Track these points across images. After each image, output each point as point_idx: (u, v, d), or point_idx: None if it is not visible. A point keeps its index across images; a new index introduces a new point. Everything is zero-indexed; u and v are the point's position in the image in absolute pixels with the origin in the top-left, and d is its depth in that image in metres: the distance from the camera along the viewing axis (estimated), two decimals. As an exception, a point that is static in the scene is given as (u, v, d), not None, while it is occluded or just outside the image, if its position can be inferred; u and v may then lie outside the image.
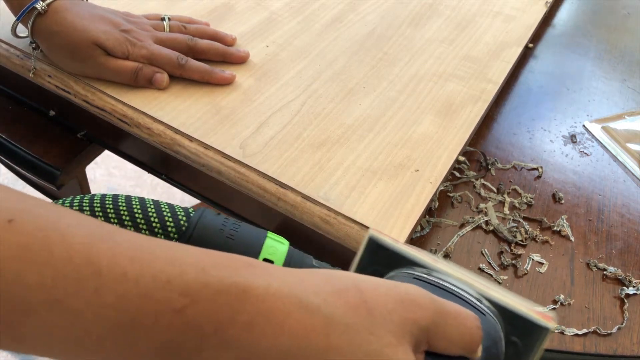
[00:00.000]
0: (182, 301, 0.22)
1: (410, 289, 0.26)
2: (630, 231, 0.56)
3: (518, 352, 0.33)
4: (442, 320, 0.26)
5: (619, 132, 0.67)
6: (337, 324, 0.23)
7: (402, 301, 0.25)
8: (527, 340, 0.33)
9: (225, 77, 0.56)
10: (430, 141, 0.54)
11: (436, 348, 0.26)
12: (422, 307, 0.26)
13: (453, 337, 0.26)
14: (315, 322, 0.23)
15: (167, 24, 0.58)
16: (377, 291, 0.25)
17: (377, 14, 0.71)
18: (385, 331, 0.24)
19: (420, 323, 0.25)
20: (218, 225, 0.36)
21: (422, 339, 0.26)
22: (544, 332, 0.32)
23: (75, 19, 0.51)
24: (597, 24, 0.88)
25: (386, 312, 0.25)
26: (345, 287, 0.25)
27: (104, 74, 0.53)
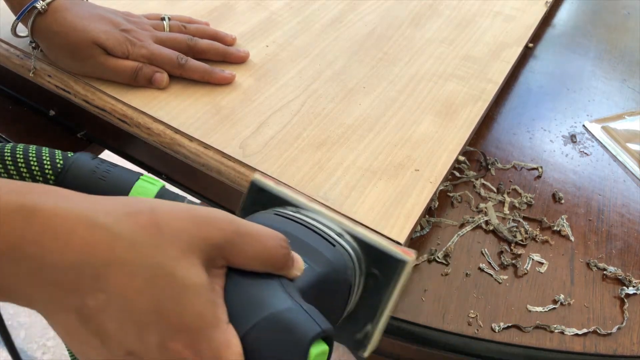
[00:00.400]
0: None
1: (210, 211, 0.28)
2: (630, 231, 0.56)
3: (378, 283, 0.36)
4: (237, 239, 0.28)
5: (619, 132, 0.67)
6: (123, 239, 0.25)
7: (195, 222, 0.27)
8: (387, 272, 0.36)
9: (225, 76, 0.56)
10: (430, 141, 0.54)
11: (235, 264, 0.28)
12: (215, 227, 0.27)
13: (248, 254, 0.28)
14: (100, 237, 0.25)
15: (167, 24, 0.58)
16: (171, 214, 0.27)
17: (377, 14, 0.71)
18: (170, 246, 0.26)
19: (212, 240, 0.27)
20: (92, 166, 0.38)
21: (215, 255, 0.27)
22: (402, 264, 0.35)
23: (75, 18, 0.51)
24: (597, 24, 0.88)
25: (175, 230, 0.26)
26: (139, 210, 0.27)
27: (104, 74, 0.53)
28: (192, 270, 0.26)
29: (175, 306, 0.25)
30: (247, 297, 0.28)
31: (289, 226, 0.35)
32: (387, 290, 0.36)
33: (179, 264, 0.26)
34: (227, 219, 0.28)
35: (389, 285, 0.36)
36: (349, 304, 0.36)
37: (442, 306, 0.48)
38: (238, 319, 0.27)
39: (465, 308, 0.48)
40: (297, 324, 0.27)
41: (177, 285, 0.25)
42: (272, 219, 0.36)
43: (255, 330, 0.27)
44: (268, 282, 0.29)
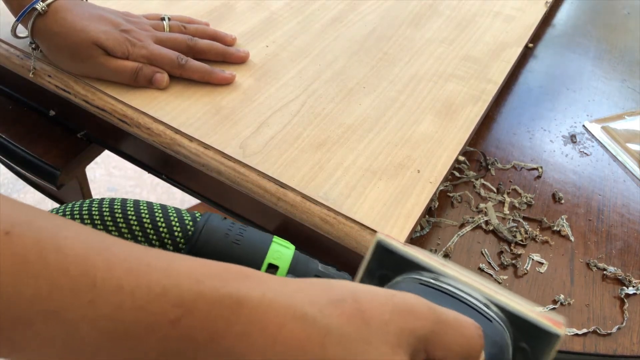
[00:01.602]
0: (176, 312, 0.22)
1: (408, 298, 0.26)
2: (630, 231, 0.56)
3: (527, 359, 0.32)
4: (441, 330, 0.26)
5: (619, 132, 0.67)
6: (332, 334, 0.23)
7: (400, 311, 0.25)
8: (537, 346, 0.32)
9: (225, 77, 0.56)
10: (430, 141, 0.54)
11: (434, 357, 0.26)
12: (419, 317, 0.25)
13: (452, 347, 0.26)
14: (310, 332, 0.23)
15: (167, 24, 0.58)
16: (374, 301, 0.25)
17: (377, 14, 0.71)
18: (381, 341, 0.24)
19: (418, 333, 0.25)
20: (224, 229, 0.37)
21: (419, 349, 0.25)
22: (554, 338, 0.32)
23: (75, 19, 0.51)
24: (597, 24, 0.88)
25: (383, 323, 0.24)
26: (341, 298, 0.25)
27: (104, 74, 0.53)
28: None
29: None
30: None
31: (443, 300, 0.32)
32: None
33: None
34: (427, 306, 0.26)
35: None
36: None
37: (442, 306, 0.48)
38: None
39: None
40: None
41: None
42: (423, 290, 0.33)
43: None
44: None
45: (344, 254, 0.47)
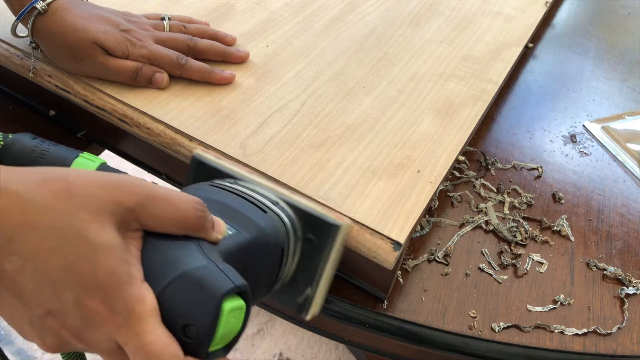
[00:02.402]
0: None
1: (122, 177, 0.30)
2: (630, 231, 0.56)
3: (314, 248, 0.38)
4: (150, 202, 0.29)
5: (619, 132, 0.67)
6: (34, 205, 0.27)
7: (107, 187, 0.29)
8: (322, 236, 0.38)
9: (225, 77, 0.56)
10: (430, 141, 0.54)
11: (148, 226, 0.30)
12: (126, 191, 0.29)
13: (160, 216, 0.30)
14: (12, 203, 0.26)
15: (167, 24, 0.58)
16: (83, 180, 0.28)
17: (377, 14, 0.71)
18: (81, 210, 0.27)
19: (124, 204, 0.28)
20: (31, 145, 0.39)
21: (128, 218, 0.29)
22: (335, 228, 0.38)
23: (75, 18, 0.51)
24: (597, 24, 0.88)
25: (86, 196, 0.28)
26: (51, 178, 0.28)
27: (104, 74, 0.53)
28: (102, 232, 0.27)
29: (87, 265, 0.27)
30: (163, 257, 0.29)
31: (220, 195, 0.37)
32: (323, 254, 0.38)
33: (90, 226, 0.27)
34: (139, 184, 0.30)
35: (325, 249, 0.38)
36: (282, 267, 0.37)
37: (442, 306, 0.48)
38: (154, 278, 0.29)
39: (465, 308, 0.48)
40: (209, 280, 0.28)
41: (88, 246, 0.27)
42: (204, 188, 0.38)
43: (170, 288, 0.28)
44: (185, 243, 0.30)
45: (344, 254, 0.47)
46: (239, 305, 0.29)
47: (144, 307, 0.27)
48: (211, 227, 0.32)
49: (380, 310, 0.47)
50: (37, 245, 0.26)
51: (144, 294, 0.28)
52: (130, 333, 0.27)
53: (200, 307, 0.28)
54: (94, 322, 0.27)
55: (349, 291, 0.48)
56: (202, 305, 0.28)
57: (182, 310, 0.28)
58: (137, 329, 0.27)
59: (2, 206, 0.26)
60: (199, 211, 0.31)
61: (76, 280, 0.27)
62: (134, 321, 0.27)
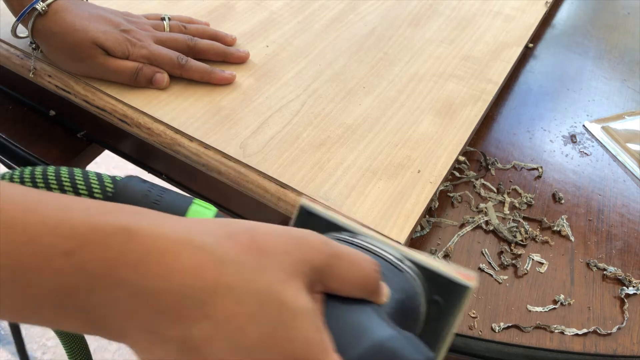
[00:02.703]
0: (69, 244, 0.22)
1: (305, 233, 0.27)
2: (630, 231, 0.56)
3: (440, 310, 0.35)
4: (335, 262, 0.27)
5: (619, 132, 0.67)
6: (228, 262, 0.24)
7: (295, 243, 0.26)
8: (449, 298, 0.35)
9: (225, 77, 0.56)
10: (430, 141, 0.54)
11: (331, 289, 0.27)
12: (314, 249, 0.26)
13: (346, 278, 0.27)
14: (205, 260, 0.23)
15: (167, 24, 0.58)
16: (269, 235, 0.26)
17: (377, 14, 0.71)
18: (276, 269, 0.25)
19: (313, 263, 0.26)
20: (144, 190, 0.37)
21: (315, 279, 0.26)
22: (464, 289, 0.34)
23: (75, 19, 0.51)
24: (597, 24, 0.88)
25: (277, 253, 0.25)
26: (238, 231, 0.25)
27: (104, 74, 0.53)
28: (299, 295, 0.25)
29: (284, 333, 0.24)
30: (347, 324, 0.27)
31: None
32: (450, 317, 0.35)
33: (287, 288, 0.24)
34: (323, 240, 0.27)
35: (452, 312, 0.35)
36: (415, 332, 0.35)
37: (442, 306, 0.48)
38: (342, 347, 0.26)
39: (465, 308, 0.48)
40: (403, 354, 0.26)
41: (287, 311, 0.24)
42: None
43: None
44: (363, 308, 0.28)
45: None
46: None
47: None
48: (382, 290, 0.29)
49: (380, 311, 0.47)
50: (234, 309, 0.23)
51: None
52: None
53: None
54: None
55: (349, 291, 0.48)
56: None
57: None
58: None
59: (196, 263, 0.23)
60: (377, 272, 0.28)
61: (271, 350, 0.23)
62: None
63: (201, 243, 0.24)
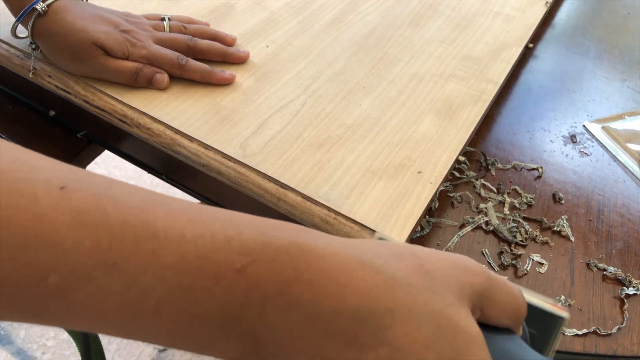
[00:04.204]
0: (242, 260, 0.21)
1: (463, 257, 0.26)
2: (630, 231, 0.56)
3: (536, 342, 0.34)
4: (493, 287, 0.26)
5: (619, 132, 0.67)
6: (400, 283, 0.23)
7: (457, 266, 0.25)
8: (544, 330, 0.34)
9: (225, 77, 0.56)
10: (431, 141, 0.54)
11: (488, 316, 0.26)
12: (475, 273, 0.25)
13: (503, 305, 0.26)
14: (379, 280, 0.22)
15: (167, 24, 0.58)
16: (432, 257, 0.25)
17: (377, 14, 0.71)
18: (446, 291, 0.23)
19: (476, 287, 0.25)
20: None
21: (477, 304, 0.25)
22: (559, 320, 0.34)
23: (75, 19, 0.51)
24: (597, 24, 0.88)
25: (444, 275, 0.24)
26: (402, 252, 0.24)
27: (104, 75, 0.53)
28: (469, 320, 0.24)
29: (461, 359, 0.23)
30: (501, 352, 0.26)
31: None
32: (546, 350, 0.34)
33: (459, 312, 0.23)
34: (480, 265, 0.26)
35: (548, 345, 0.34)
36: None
37: (442, 306, 0.48)
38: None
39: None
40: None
41: (462, 337, 0.23)
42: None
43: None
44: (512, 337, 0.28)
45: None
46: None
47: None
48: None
49: (380, 311, 0.47)
50: (411, 334, 0.22)
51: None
52: None
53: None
54: None
55: (349, 291, 0.48)
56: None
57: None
58: None
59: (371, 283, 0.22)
60: (524, 300, 0.27)
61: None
62: None
63: (372, 262, 0.23)
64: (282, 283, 0.21)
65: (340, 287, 0.22)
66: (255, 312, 0.21)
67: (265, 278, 0.21)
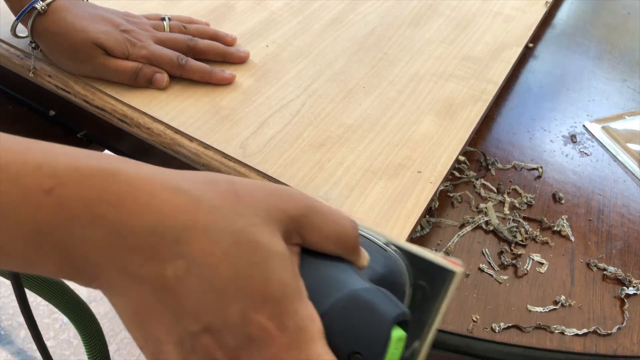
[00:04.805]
0: (50, 183, 0.23)
1: (286, 187, 0.28)
2: (630, 231, 0.56)
3: (426, 295, 0.35)
4: (314, 216, 0.27)
5: (619, 132, 0.67)
6: (204, 204, 0.24)
7: (272, 194, 0.27)
8: (434, 283, 0.34)
9: (225, 77, 0.56)
10: (431, 141, 0.54)
11: (309, 242, 0.27)
12: (292, 200, 0.27)
13: (326, 232, 0.27)
14: (182, 201, 0.24)
15: (167, 24, 0.58)
16: (249, 185, 0.27)
17: (377, 14, 0.71)
18: (251, 214, 0.25)
19: (290, 213, 0.26)
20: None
21: (292, 229, 0.27)
22: (450, 275, 0.34)
23: (75, 19, 0.51)
24: (597, 24, 0.88)
25: (254, 200, 0.26)
26: (217, 179, 0.26)
27: (104, 74, 0.53)
28: (273, 238, 0.25)
29: (259, 274, 0.24)
30: (322, 277, 0.27)
31: None
32: (435, 304, 0.34)
33: (262, 231, 0.25)
34: (302, 194, 0.28)
35: (437, 298, 0.34)
36: None
37: (442, 306, 0.48)
38: (315, 297, 0.26)
39: (466, 308, 0.48)
40: (377, 304, 0.26)
41: (262, 252, 0.24)
42: None
43: (335, 310, 0.26)
44: (340, 264, 0.28)
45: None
46: (402, 336, 0.27)
47: (314, 327, 0.25)
48: (360, 251, 0.29)
49: (380, 311, 0.47)
50: (207, 249, 0.24)
51: (312, 312, 0.25)
52: (300, 356, 0.24)
53: (370, 332, 0.25)
54: (258, 341, 0.24)
55: (349, 291, 0.48)
56: (372, 330, 0.25)
57: (349, 336, 0.25)
58: (307, 351, 0.24)
59: (172, 203, 0.24)
60: (355, 230, 0.29)
61: (246, 290, 0.24)
62: (305, 342, 0.24)
63: (177, 185, 0.24)
64: (87, 202, 0.23)
65: (141, 206, 0.23)
66: (64, 228, 0.23)
67: (72, 198, 0.23)
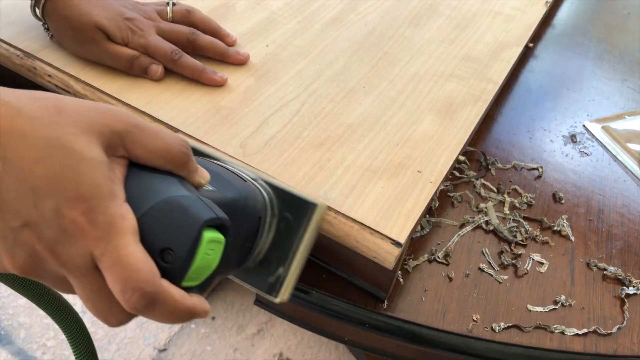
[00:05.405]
0: None
1: (109, 105, 0.30)
2: (630, 231, 0.56)
3: (289, 226, 0.39)
4: (139, 132, 0.30)
5: (619, 132, 0.67)
6: (24, 114, 0.27)
7: (97, 110, 0.29)
8: (298, 215, 0.39)
9: (214, 78, 0.56)
10: (431, 141, 0.54)
11: (135, 156, 0.30)
12: (116, 116, 0.29)
13: (148, 146, 0.30)
14: (5, 111, 0.26)
15: (170, 9, 0.58)
16: (76, 102, 0.29)
17: (377, 14, 0.71)
18: (70, 126, 0.28)
19: (114, 127, 0.29)
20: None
21: (115, 142, 0.29)
22: (312, 207, 0.39)
23: (82, 3, 0.52)
24: (597, 24, 0.88)
25: (77, 114, 0.28)
26: (44, 96, 0.28)
27: (103, 58, 0.54)
28: (90, 146, 0.28)
29: (71, 175, 0.27)
30: (146, 186, 0.30)
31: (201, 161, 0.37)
32: (298, 233, 0.38)
33: (77, 139, 0.27)
34: (128, 113, 0.30)
35: (300, 228, 0.38)
36: (257, 239, 0.38)
37: (443, 306, 0.48)
38: (135, 202, 0.29)
39: (466, 308, 0.48)
40: (191, 207, 0.29)
41: (75, 157, 0.27)
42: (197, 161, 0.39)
43: (151, 212, 0.29)
44: (168, 177, 0.31)
45: (345, 254, 0.47)
46: (218, 238, 0.30)
47: (124, 223, 0.27)
48: (194, 169, 0.32)
49: (380, 311, 0.47)
50: (23, 153, 0.26)
51: (125, 211, 0.28)
52: (109, 247, 0.27)
53: (181, 231, 0.28)
54: (71, 234, 0.27)
55: (349, 291, 0.48)
56: (183, 229, 0.28)
57: (161, 234, 0.28)
58: (115, 242, 0.27)
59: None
60: (184, 147, 0.32)
61: (59, 189, 0.27)
62: (114, 235, 0.27)
63: (5, 98, 0.26)
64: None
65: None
66: None
67: None
